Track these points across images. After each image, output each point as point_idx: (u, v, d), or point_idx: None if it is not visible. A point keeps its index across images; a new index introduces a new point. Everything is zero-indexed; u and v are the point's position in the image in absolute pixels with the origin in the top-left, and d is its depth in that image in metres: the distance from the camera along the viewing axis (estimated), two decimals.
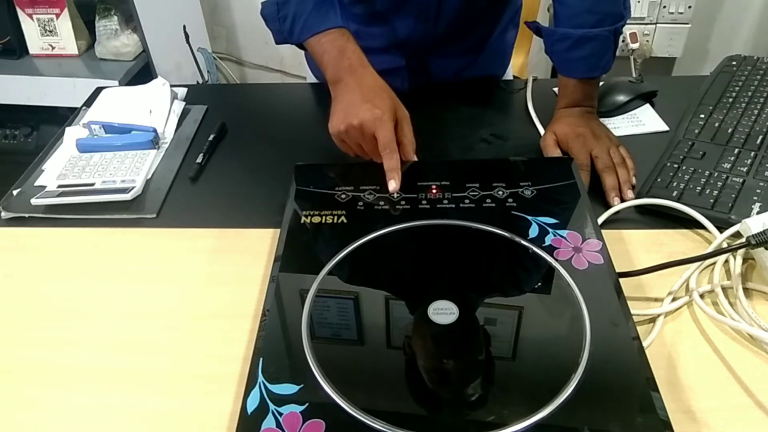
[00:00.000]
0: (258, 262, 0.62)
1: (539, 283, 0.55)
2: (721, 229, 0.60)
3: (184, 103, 0.90)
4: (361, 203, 0.63)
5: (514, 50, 1.01)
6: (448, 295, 0.51)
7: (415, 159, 0.67)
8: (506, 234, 0.58)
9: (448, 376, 0.48)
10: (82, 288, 0.62)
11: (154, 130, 0.81)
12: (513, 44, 0.98)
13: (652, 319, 0.54)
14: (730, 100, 0.78)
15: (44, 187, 0.74)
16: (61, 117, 1.53)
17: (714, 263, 0.58)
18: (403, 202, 0.62)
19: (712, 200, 0.63)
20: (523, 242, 0.57)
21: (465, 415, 0.45)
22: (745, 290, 0.55)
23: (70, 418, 0.50)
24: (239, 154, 0.81)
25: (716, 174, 0.66)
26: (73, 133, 0.83)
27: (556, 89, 0.82)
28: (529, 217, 0.59)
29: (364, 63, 0.69)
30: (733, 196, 0.63)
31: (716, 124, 0.74)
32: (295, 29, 0.72)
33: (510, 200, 0.62)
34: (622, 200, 0.66)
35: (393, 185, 0.63)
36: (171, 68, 1.69)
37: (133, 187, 0.72)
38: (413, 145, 0.67)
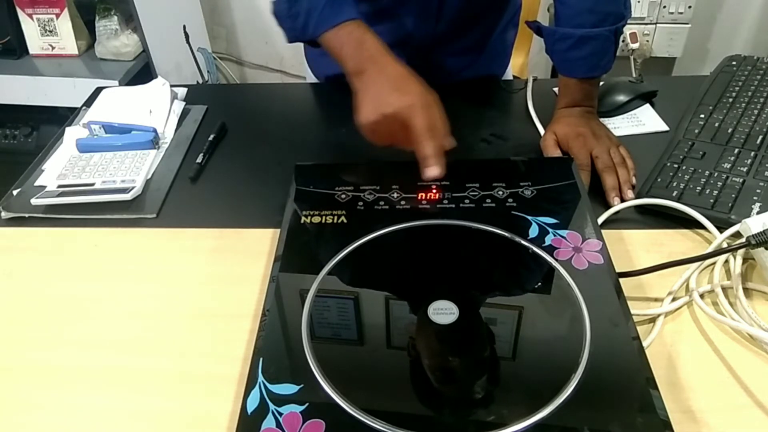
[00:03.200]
0: (258, 262, 0.62)
1: (539, 283, 0.55)
2: (721, 229, 0.60)
3: (184, 103, 0.90)
4: (361, 203, 0.63)
5: (514, 50, 1.01)
6: (448, 295, 0.51)
7: (453, 144, 0.64)
8: (506, 234, 0.58)
9: (448, 376, 0.48)
10: (81, 288, 0.62)
11: (154, 130, 0.81)
12: (513, 44, 0.98)
13: (652, 319, 0.54)
14: (730, 100, 0.78)
15: (44, 187, 0.74)
16: (61, 117, 1.53)
17: (714, 263, 0.58)
18: (403, 202, 0.62)
19: (712, 200, 0.63)
20: (523, 242, 0.57)
21: (465, 414, 0.45)
22: (745, 290, 0.55)
23: (70, 418, 0.50)
24: (239, 154, 0.81)
25: (716, 174, 0.66)
26: (73, 133, 0.83)
27: (556, 89, 0.82)
28: (529, 217, 0.59)
29: (385, 52, 0.67)
30: (733, 196, 0.63)
31: (716, 124, 0.74)
32: (309, 25, 0.70)
33: (510, 200, 0.62)
34: (622, 200, 0.66)
35: (435, 171, 0.60)
36: (171, 68, 1.69)
37: (133, 187, 0.72)
38: (446, 127, 0.64)
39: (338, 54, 0.69)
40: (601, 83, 0.82)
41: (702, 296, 0.56)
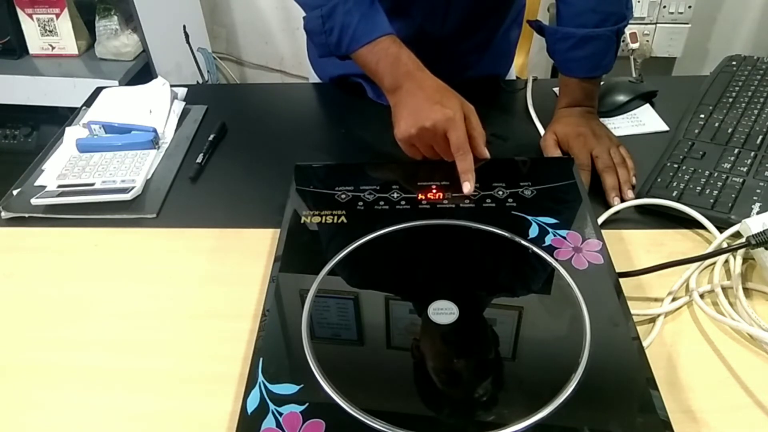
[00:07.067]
0: (258, 262, 0.62)
1: (539, 283, 0.55)
2: (721, 229, 0.60)
3: (184, 103, 0.90)
4: (361, 203, 0.63)
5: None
6: (448, 295, 0.51)
7: (488, 156, 0.65)
8: (506, 234, 0.58)
9: (452, 378, 0.48)
10: (82, 288, 0.62)
11: (154, 130, 0.81)
12: (516, 43, 0.98)
13: (652, 319, 0.54)
14: (730, 100, 0.78)
15: (44, 187, 0.74)
16: (61, 117, 1.53)
17: (714, 263, 0.58)
18: (403, 202, 0.62)
19: (712, 200, 0.63)
20: (523, 242, 0.57)
21: (465, 414, 0.45)
22: (745, 290, 0.55)
23: (70, 418, 0.50)
24: (239, 154, 0.81)
25: (716, 174, 0.66)
26: (73, 133, 0.83)
27: (556, 89, 0.82)
28: (529, 217, 0.59)
29: (421, 67, 0.67)
30: (733, 196, 0.63)
31: (716, 124, 0.74)
32: (343, 41, 0.69)
33: (510, 200, 0.62)
34: (622, 200, 0.66)
35: (468, 187, 0.62)
36: (171, 68, 1.69)
37: (133, 187, 0.72)
38: (483, 137, 0.65)
39: (374, 70, 0.68)
40: (601, 83, 0.82)
41: (702, 296, 0.56)
